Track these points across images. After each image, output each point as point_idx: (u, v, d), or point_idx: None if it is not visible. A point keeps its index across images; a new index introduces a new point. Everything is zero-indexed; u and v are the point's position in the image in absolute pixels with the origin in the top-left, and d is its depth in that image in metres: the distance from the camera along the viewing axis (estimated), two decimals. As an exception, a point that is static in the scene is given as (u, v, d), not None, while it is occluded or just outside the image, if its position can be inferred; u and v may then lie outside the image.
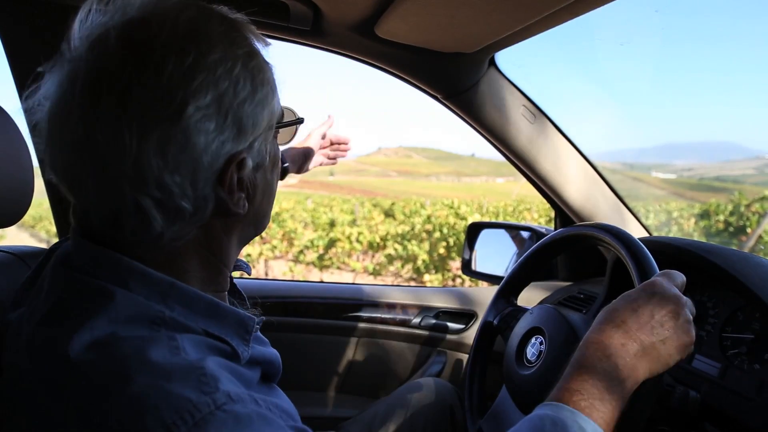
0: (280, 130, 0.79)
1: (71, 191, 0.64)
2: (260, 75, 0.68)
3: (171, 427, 0.51)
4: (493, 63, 1.46)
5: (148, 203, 0.61)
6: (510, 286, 1.30)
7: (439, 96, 1.51)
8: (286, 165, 1.42)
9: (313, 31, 1.32)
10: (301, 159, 1.49)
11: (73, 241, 0.67)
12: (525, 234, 1.83)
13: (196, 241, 0.68)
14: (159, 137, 0.59)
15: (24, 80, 1.34)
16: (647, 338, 0.76)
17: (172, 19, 0.63)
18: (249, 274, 1.00)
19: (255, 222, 0.76)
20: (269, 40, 0.73)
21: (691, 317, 0.80)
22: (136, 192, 0.61)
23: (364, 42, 1.34)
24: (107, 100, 0.59)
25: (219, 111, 0.63)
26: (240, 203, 0.68)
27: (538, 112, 1.55)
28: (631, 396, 0.75)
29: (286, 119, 0.80)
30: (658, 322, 0.77)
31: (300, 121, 0.86)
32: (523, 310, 1.24)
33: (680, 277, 0.85)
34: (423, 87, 1.50)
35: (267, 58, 0.72)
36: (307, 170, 1.51)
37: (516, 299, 1.30)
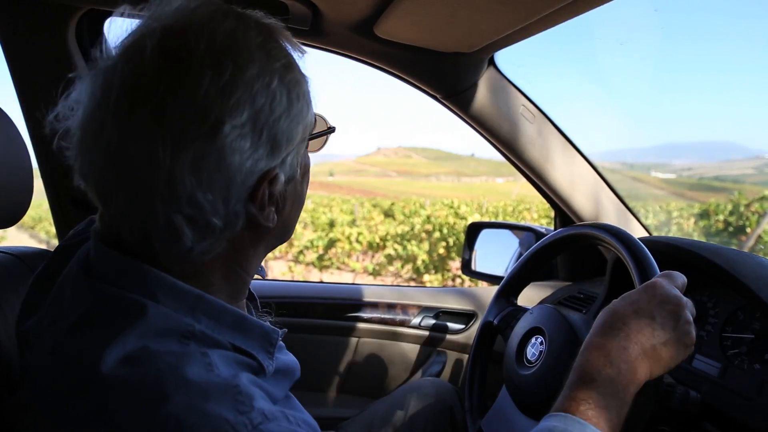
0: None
1: (101, 200, 0.64)
2: (296, 89, 0.67)
3: None
4: (492, 63, 1.46)
5: (179, 219, 0.61)
6: (510, 286, 1.30)
7: (438, 96, 1.51)
8: None
9: (313, 31, 1.32)
10: None
11: (95, 248, 0.66)
12: (525, 234, 1.83)
13: (223, 254, 0.67)
14: (194, 155, 0.58)
15: (23, 81, 1.34)
16: (648, 341, 0.76)
17: (210, 30, 0.61)
18: (263, 278, 1.00)
19: (282, 232, 0.76)
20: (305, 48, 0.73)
21: (692, 318, 0.79)
22: (168, 208, 0.60)
23: (363, 42, 1.34)
24: (141, 113, 0.58)
25: (254, 128, 0.61)
26: (270, 217, 0.67)
27: (538, 111, 1.55)
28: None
29: (317, 128, 0.78)
30: (659, 324, 0.77)
31: (331, 130, 0.83)
32: (523, 310, 1.24)
33: (681, 278, 0.84)
34: (422, 87, 1.50)
35: (303, 68, 0.70)
36: None
37: (516, 299, 1.30)
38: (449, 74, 1.43)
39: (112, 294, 0.62)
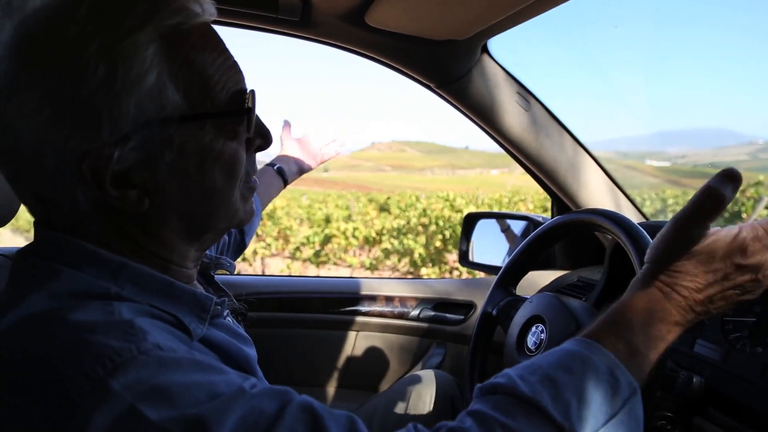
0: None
1: None
2: (132, 58, 0.59)
3: (89, 372, 0.50)
4: (485, 50, 1.44)
5: (20, 189, 0.65)
6: (509, 275, 1.29)
7: (431, 85, 1.49)
8: (277, 166, 1.38)
9: (303, 22, 1.30)
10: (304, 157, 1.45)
11: (34, 228, 0.68)
12: (521, 223, 1.82)
13: (117, 235, 0.66)
14: None
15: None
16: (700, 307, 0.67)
17: None
18: (231, 273, 0.97)
19: (189, 220, 0.70)
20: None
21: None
22: (9, 179, 0.64)
23: (354, 31, 1.32)
24: None
25: (53, 101, 0.57)
26: (131, 200, 0.63)
27: (533, 99, 1.54)
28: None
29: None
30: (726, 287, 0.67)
31: (234, 112, 0.69)
32: (522, 299, 1.23)
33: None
34: (415, 76, 1.48)
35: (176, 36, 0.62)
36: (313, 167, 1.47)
37: (515, 288, 1.29)
38: (442, 62, 1.41)
39: (34, 264, 0.63)
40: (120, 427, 0.49)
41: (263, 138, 0.76)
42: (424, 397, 1.37)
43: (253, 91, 0.71)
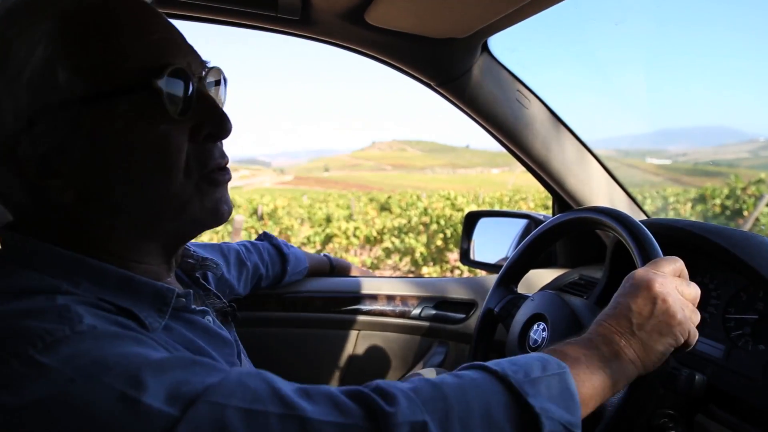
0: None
1: None
2: (17, 43, 0.59)
3: (21, 352, 0.50)
4: (486, 48, 1.44)
5: None
6: (510, 274, 1.28)
7: (432, 83, 1.48)
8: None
9: (303, 20, 1.30)
10: None
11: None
12: (523, 222, 1.82)
13: (67, 233, 0.65)
14: None
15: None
16: (626, 330, 0.77)
17: None
18: (217, 275, 0.96)
19: (128, 214, 0.66)
20: None
21: (676, 299, 0.78)
22: None
23: (354, 30, 1.32)
24: None
25: None
26: (55, 190, 0.63)
27: (533, 97, 1.53)
28: (626, 388, 0.77)
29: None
30: (635, 314, 0.77)
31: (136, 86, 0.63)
32: (523, 297, 1.23)
33: (667, 263, 0.83)
34: (416, 75, 1.47)
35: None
36: None
37: (516, 287, 1.29)
38: (443, 61, 1.41)
39: None
40: (58, 399, 0.49)
41: (215, 123, 0.68)
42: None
43: (180, 69, 0.64)
